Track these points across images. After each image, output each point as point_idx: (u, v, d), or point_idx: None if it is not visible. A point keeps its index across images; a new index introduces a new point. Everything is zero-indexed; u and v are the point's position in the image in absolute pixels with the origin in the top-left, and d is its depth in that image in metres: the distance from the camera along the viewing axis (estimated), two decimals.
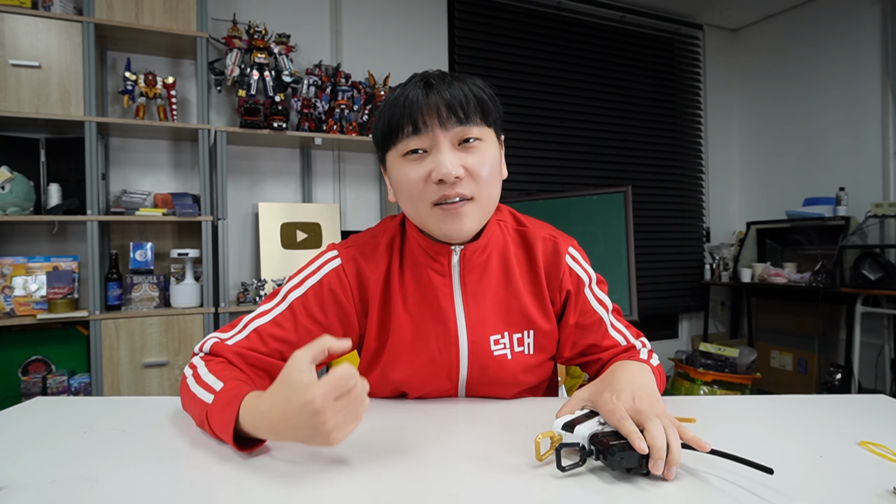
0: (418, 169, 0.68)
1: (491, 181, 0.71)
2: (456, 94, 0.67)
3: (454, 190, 0.68)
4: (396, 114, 0.68)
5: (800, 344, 3.32)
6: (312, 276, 0.77)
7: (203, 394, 0.63)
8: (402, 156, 0.69)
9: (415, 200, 0.70)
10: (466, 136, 0.68)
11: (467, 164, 0.68)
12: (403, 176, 0.70)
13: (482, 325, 0.78)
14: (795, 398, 0.82)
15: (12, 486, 0.51)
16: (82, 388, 2.07)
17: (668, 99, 3.71)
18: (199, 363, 0.69)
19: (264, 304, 0.76)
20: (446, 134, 0.68)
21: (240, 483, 0.52)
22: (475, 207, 0.71)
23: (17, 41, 1.98)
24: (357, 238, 0.82)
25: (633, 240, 2.51)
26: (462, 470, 0.55)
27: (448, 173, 0.66)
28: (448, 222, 0.69)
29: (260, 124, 2.37)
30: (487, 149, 0.70)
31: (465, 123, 0.68)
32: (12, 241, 2.18)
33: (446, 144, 0.68)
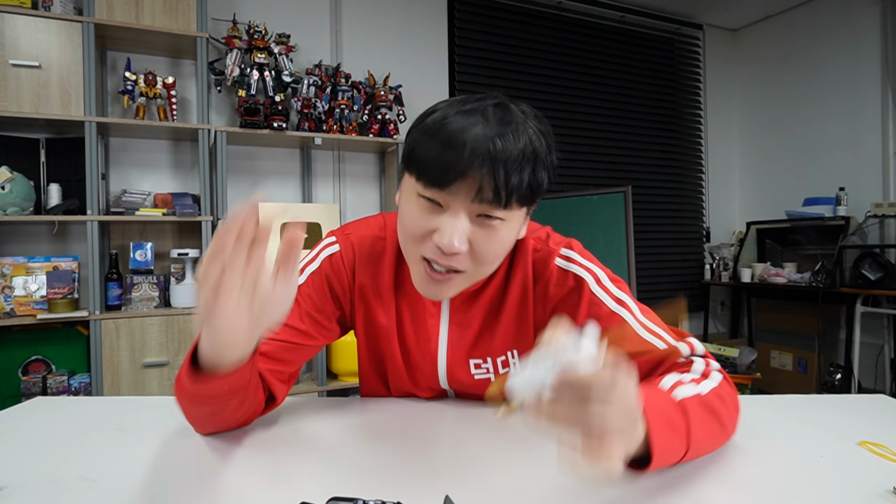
0: (425, 219, 0.60)
1: (493, 260, 0.64)
2: (511, 177, 0.56)
3: (447, 262, 0.60)
4: (433, 155, 0.57)
5: (800, 344, 3.31)
6: (311, 262, 0.74)
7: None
8: (418, 194, 0.60)
9: (406, 241, 0.64)
10: (489, 214, 0.59)
11: (475, 242, 0.60)
12: (408, 213, 0.62)
13: (464, 349, 0.75)
14: (795, 398, 0.82)
15: (12, 486, 0.51)
16: (82, 388, 2.07)
17: (668, 99, 3.71)
18: None
19: None
20: (472, 205, 0.58)
21: (240, 483, 0.52)
22: (463, 280, 0.64)
23: (17, 41, 1.98)
24: (357, 229, 0.77)
25: (633, 240, 2.51)
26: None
27: (449, 246, 0.58)
28: (428, 285, 0.64)
29: (260, 124, 2.37)
30: (506, 229, 0.61)
31: (500, 205, 0.57)
32: (12, 241, 2.18)
33: (463, 214, 0.58)
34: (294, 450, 0.60)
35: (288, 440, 0.63)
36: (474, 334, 0.75)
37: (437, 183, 0.57)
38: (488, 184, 0.56)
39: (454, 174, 0.56)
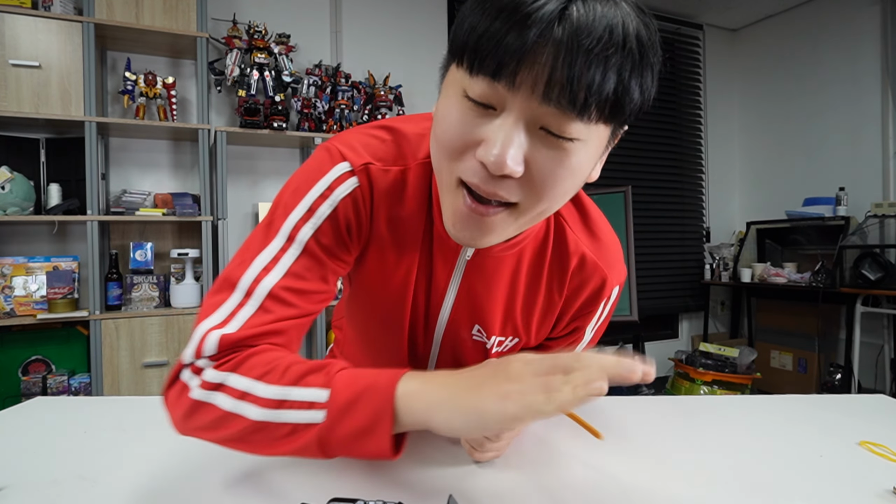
0: (469, 125, 0.43)
1: (557, 197, 0.46)
2: (599, 69, 0.39)
3: (492, 188, 0.43)
4: (485, 28, 0.40)
5: (800, 344, 3.31)
6: (323, 201, 0.53)
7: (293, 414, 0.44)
8: (463, 94, 0.43)
9: (443, 158, 0.46)
10: (557, 130, 0.41)
11: (535, 164, 0.43)
12: (447, 118, 0.45)
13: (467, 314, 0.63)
14: (795, 398, 0.82)
15: (12, 486, 0.51)
16: (82, 388, 2.07)
17: (668, 99, 3.71)
18: (229, 379, 0.46)
19: (254, 244, 0.54)
20: (534, 107, 0.40)
21: (240, 483, 0.52)
22: (512, 218, 0.47)
23: (17, 41, 1.98)
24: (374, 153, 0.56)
25: (633, 240, 2.51)
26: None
27: (499, 163, 0.41)
28: (464, 222, 0.47)
29: (260, 124, 2.37)
30: (580, 154, 0.43)
31: (572, 112, 0.40)
32: (12, 241, 2.18)
33: (521, 121, 0.41)
34: None
35: None
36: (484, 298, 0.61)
37: (491, 69, 0.40)
38: (567, 75, 0.38)
39: (515, 55, 0.39)
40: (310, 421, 0.43)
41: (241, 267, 0.52)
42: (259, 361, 0.47)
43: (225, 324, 0.50)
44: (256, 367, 0.46)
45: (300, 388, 0.44)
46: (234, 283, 0.51)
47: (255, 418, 0.44)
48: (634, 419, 0.72)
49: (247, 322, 0.50)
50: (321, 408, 0.43)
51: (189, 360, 0.49)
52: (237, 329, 0.49)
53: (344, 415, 0.42)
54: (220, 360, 0.48)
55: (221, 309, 0.51)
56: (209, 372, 0.48)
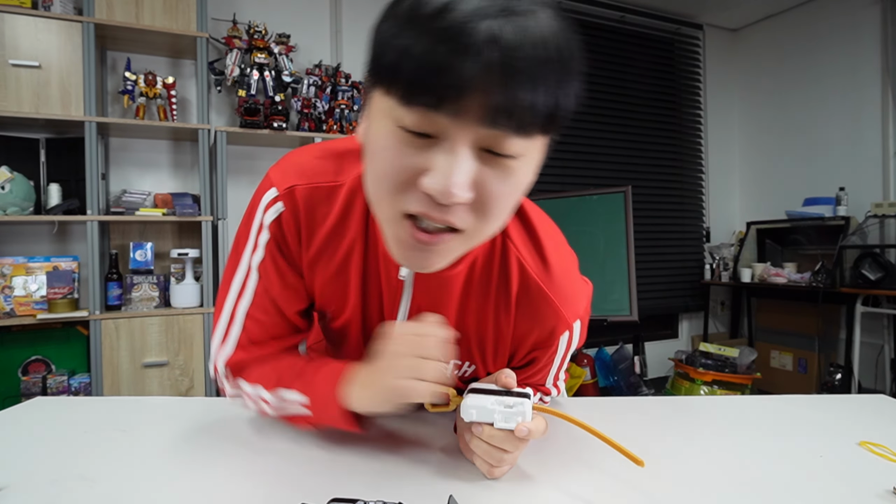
0: (408, 156, 0.42)
1: (503, 215, 0.46)
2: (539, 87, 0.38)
3: (443, 216, 0.43)
4: (422, 60, 0.38)
5: (800, 344, 3.31)
6: (260, 231, 0.60)
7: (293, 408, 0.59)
8: (397, 124, 0.41)
9: (382, 193, 0.45)
10: (501, 150, 0.41)
11: (482, 188, 0.42)
12: (382, 149, 0.43)
13: None
14: (795, 398, 0.82)
15: (12, 486, 0.51)
16: (82, 388, 2.07)
17: (668, 99, 3.71)
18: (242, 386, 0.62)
19: (231, 268, 0.63)
20: (479, 132, 0.40)
21: (241, 483, 0.52)
22: (459, 243, 0.47)
23: (17, 41, 1.98)
24: (303, 172, 0.59)
25: (633, 240, 2.51)
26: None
27: (448, 193, 0.40)
28: (410, 252, 0.47)
29: (260, 124, 2.37)
30: (524, 169, 0.44)
31: (515, 133, 0.40)
32: (12, 241, 2.18)
33: (465, 149, 0.41)
34: (294, 450, 0.60)
35: (288, 440, 0.63)
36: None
37: (430, 101, 0.38)
38: (505, 99, 0.38)
39: (456, 86, 0.37)
40: (304, 413, 0.58)
41: (223, 289, 0.63)
42: (256, 372, 0.61)
43: (224, 343, 0.62)
44: (255, 375, 0.61)
45: (287, 391, 0.59)
46: (222, 306, 0.63)
47: (271, 412, 0.61)
48: (634, 419, 0.73)
49: (238, 342, 0.62)
50: (306, 408, 0.58)
51: (213, 375, 0.66)
52: (233, 350, 0.62)
53: (320, 415, 0.57)
54: (232, 377, 0.63)
55: (219, 330, 0.63)
56: (228, 389, 0.64)
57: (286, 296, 0.61)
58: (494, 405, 0.51)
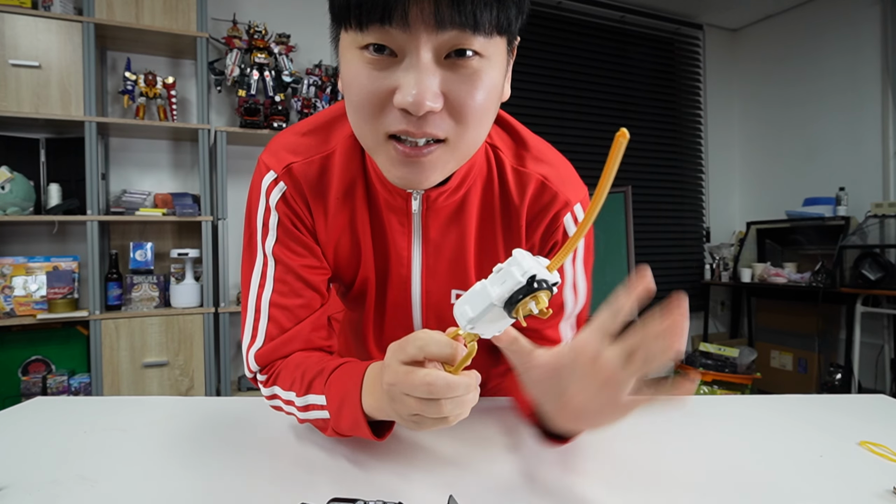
0: (377, 79, 0.44)
1: (481, 119, 0.48)
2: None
3: (422, 128, 0.45)
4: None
5: (800, 344, 3.31)
6: (269, 215, 0.61)
7: (316, 413, 0.57)
8: (360, 48, 0.44)
9: (363, 121, 0.47)
10: (462, 48, 0.43)
11: (451, 93, 0.44)
12: (354, 79, 0.46)
13: (441, 277, 0.64)
14: (795, 398, 0.82)
15: (12, 486, 0.51)
16: (82, 388, 2.07)
17: (668, 99, 3.71)
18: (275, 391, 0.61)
19: (248, 265, 0.64)
20: (433, 38, 0.42)
21: (240, 483, 0.52)
22: (448, 153, 0.48)
23: (17, 41, 1.98)
24: (295, 150, 0.61)
25: (633, 240, 2.51)
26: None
27: (418, 103, 0.42)
28: (403, 169, 0.48)
29: (260, 124, 2.37)
30: (489, 70, 0.46)
31: (468, 27, 0.42)
32: (12, 241, 2.18)
33: (427, 56, 0.43)
34: (294, 450, 0.60)
35: (288, 440, 0.63)
36: (452, 257, 0.62)
37: (379, 16, 0.41)
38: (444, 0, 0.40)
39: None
40: (324, 417, 0.56)
41: (245, 289, 0.64)
42: (287, 375, 0.59)
43: (254, 340, 0.62)
44: (287, 379, 0.59)
45: (312, 395, 0.56)
46: (246, 306, 0.63)
47: (301, 417, 0.59)
48: (634, 419, 0.72)
49: (267, 334, 0.61)
50: (325, 409, 0.55)
51: (250, 376, 0.65)
52: (262, 343, 0.62)
53: (338, 417, 0.54)
54: (265, 374, 0.62)
55: (247, 329, 0.63)
56: (264, 389, 0.62)
57: (308, 265, 0.62)
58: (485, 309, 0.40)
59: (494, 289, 0.39)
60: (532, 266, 0.38)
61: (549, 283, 0.38)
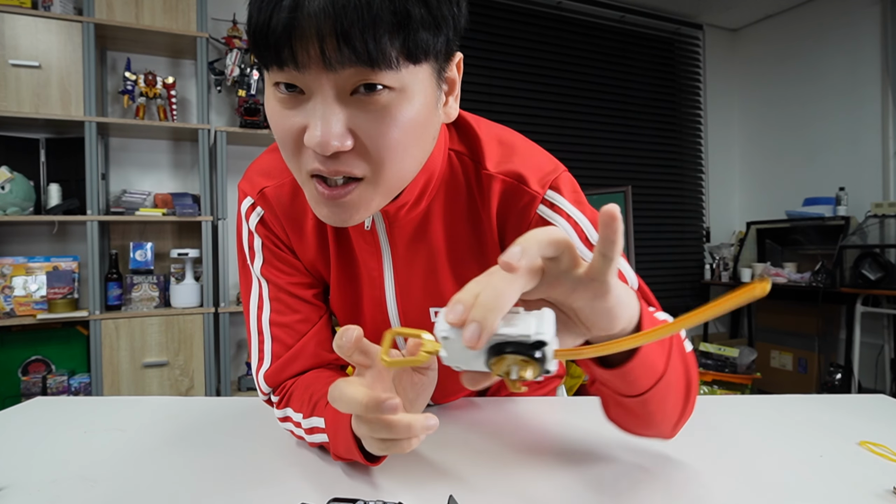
0: (289, 117, 0.43)
1: (398, 155, 0.45)
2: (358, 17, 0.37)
3: (335, 167, 0.43)
4: (257, 20, 0.40)
5: (800, 344, 3.31)
6: (252, 239, 0.63)
7: (319, 437, 0.56)
8: (273, 85, 0.43)
9: (286, 158, 0.47)
10: (367, 82, 0.41)
11: (361, 131, 0.42)
12: (271, 117, 0.45)
13: (416, 294, 0.62)
14: (795, 398, 0.82)
15: (12, 486, 0.51)
16: (82, 388, 2.07)
17: (668, 99, 3.71)
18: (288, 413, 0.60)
19: (245, 290, 0.66)
20: (332, 77, 0.40)
21: (240, 483, 0.52)
22: (368, 192, 0.46)
23: (17, 41, 1.98)
24: (268, 174, 0.62)
25: (634, 240, 2.51)
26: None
27: (323, 143, 0.41)
28: (325, 208, 0.47)
29: (260, 124, 2.37)
30: (403, 103, 0.43)
31: (365, 63, 0.39)
32: (12, 241, 2.18)
33: (329, 94, 0.41)
34: (294, 450, 0.60)
35: (288, 440, 0.63)
36: (425, 273, 0.60)
37: (274, 57, 0.40)
38: (335, 35, 0.38)
39: (284, 34, 0.38)
40: (325, 441, 0.55)
41: (246, 314, 0.65)
42: (298, 397, 0.59)
43: (261, 363, 0.63)
44: (298, 400, 0.59)
45: (315, 418, 0.56)
46: (249, 329, 0.65)
47: (308, 440, 0.58)
48: None
49: (273, 353, 0.62)
50: (325, 432, 0.54)
51: (264, 398, 0.65)
52: (270, 363, 0.62)
53: (335, 440, 0.53)
54: (277, 395, 0.63)
55: (254, 353, 0.64)
56: (277, 410, 0.62)
57: (297, 282, 0.64)
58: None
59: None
60: (550, 335, 0.32)
61: (546, 363, 0.32)
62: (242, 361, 2.55)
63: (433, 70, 0.45)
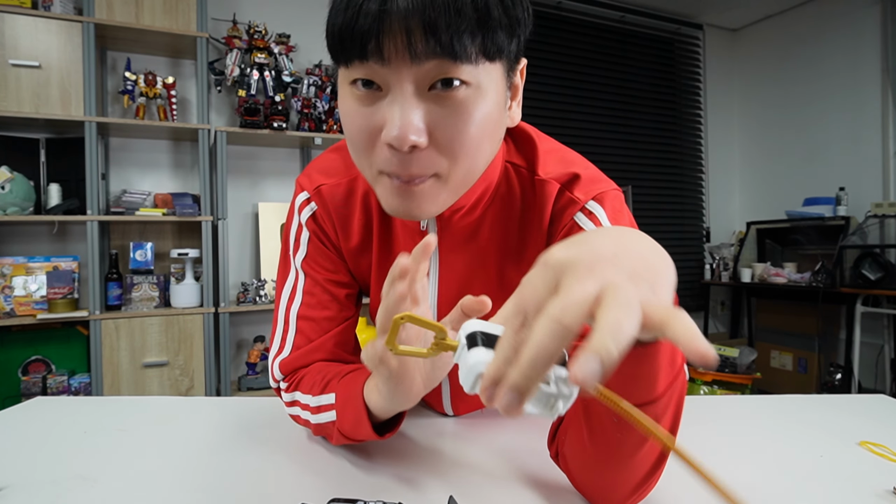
0: (365, 114, 0.44)
1: (473, 152, 0.45)
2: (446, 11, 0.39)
3: (408, 169, 0.44)
4: (343, 19, 0.41)
5: (800, 344, 3.31)
6: (300, 232, 0.65)
7: (325, 415, 0.57)
8: (350, 83, 0.45)
9: (358, 155, 0.48)
10: (447, 77, 0.42)
11: (438, 127, 0.43)
12: (346, 115, 0.46)
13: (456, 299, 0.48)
14: (795, 398, 0.82)
15: (12, 486, 0.51)
16: (82, 388, 2.07)
17: (668, 99, 3.71)
18: (296, 396, 0.61)
19: (281, 279, 0.67)
20: (412, 71, 0.41)
21: (240, 483, 0.52)
22: (439, 187, 0.47)
23: (17, 41, 1.98)
24: (326, 173, 0.64)
25: None
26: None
27: (401, 137, 0.41)
28: (397, 199, 0.47)
29: (260, 124, 2.37)
30: (479, 100, 0.43)
31: (447, 56, 0.40)
32: (12, 241, 2.18)
33: (409, 89, 0.42)
34: (294, 450, 0.60)
35: (288, 440, 0.63)
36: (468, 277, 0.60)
37: (359, 51, 0.41)
38: (422, 27, 0.39)
39: (372, 27, 0.40)
40: (332, 419, 0.56)
41: (276, 302, 0.66)
42: (309, 380, 0.60)
43: (281, 350, 0.64)
44: (308, 383, 0.60)
45: (325, 395, 0.57)
46: (276, 317, 0.65)
47: (313, 421, 0.58)
48: None
49: (294, 344, 0.63)
50: (333, 409, 0.55)
51: (274, 385, 0.65)
52: (289, 353, 0.63)
53: (343, 414, 0.54)
54: (287, 382, 0.63)
55: (276, 340, 0.65)
56: (285, 395, 0.63)
57: (334, 280, 0.65)
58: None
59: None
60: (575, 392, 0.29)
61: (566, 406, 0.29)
62: (242, 361, 2.55)
63: (504, 70, 0.46)
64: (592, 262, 0.28)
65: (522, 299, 0.29)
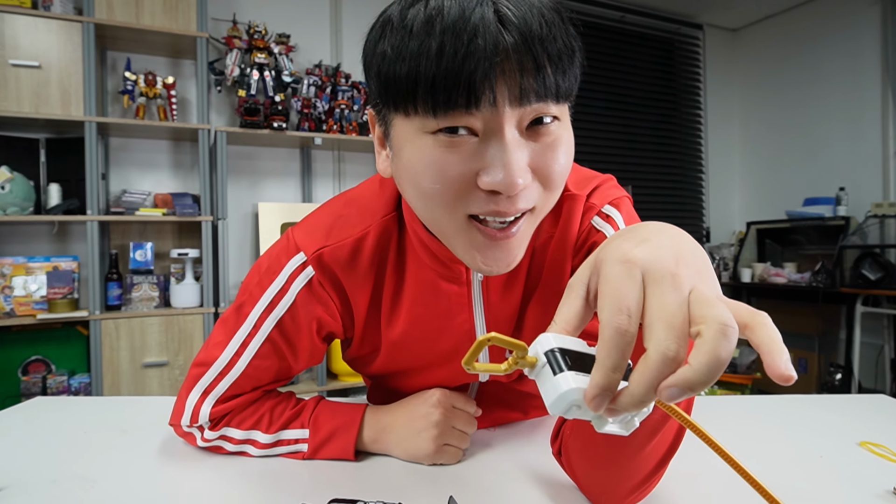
0: (457, 164, 0.40)
1: (563, 179, 0.46)
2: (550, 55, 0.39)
3: (515, 205, 0.41)
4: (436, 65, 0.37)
5: (800, 344, 3.31)
6: (282, 296, 0.56)
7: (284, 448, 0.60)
8: (430, 133, 0.40)
9: (439, 207, 0.43)
10: (545, 114, 0.41)
11: (538, 163, 0.42)
12: (428, 167, 0.41)
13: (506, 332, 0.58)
14: (795, 398, 0.82)
15: (12, 486, 0.51)
16: (82, 388, 2.07)
17: (668, 99, 3.71)
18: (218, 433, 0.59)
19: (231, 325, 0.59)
20: (517, 113, 0.40)
21: (241, 484, 0.52)
22: (530, 222, 0.45)
23: (17, 41, 1.98)
24: (329, 232, 0.56)
25: None
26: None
27: (511, 184, 0.39)
28: (488, 252, 0.44)
29: (260, 124, 2.37)
30: (565, 132, 0.45)
31: (550, 98, 0.40)
32: (12, 241, 2.18)
33: (513, 133, 0.40)
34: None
35: None
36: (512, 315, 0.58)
37: (463, 102, 0.37)
38: (531, 68, 0.38)
39: (483, 80, 0.37)
40: (297, 451, 0.60)
41: (217, 349, 0.58)
42: (245, 417, 0.60)
43: (209, 393, 0.59)
44: (247, 420, 0.60)
45: (289, 431, 0.60)
46: (210, 364, 0.58)
47: (257, 454, 0.60)
48: None
49: (224, 394, 0.59)
50: (305, 443, 0.59)
51: (187, 427, 0.60)
52: (222, 402, 0.59)
53: (322, 447, 0.59)
54: (213, 425, 0.60)
55: (204, 378, 0.59)
56: (208, 433, 0.60)
57: (292, 358, 0.60)
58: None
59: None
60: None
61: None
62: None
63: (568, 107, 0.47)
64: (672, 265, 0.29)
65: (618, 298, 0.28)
